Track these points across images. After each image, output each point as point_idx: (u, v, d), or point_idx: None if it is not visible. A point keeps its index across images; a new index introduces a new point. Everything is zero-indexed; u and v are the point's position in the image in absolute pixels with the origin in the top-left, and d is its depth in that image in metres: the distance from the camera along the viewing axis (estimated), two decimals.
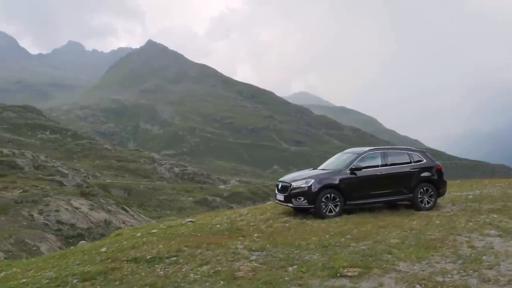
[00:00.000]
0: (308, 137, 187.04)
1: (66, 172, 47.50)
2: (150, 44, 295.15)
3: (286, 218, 11.49)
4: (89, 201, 35.34)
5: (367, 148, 12.56)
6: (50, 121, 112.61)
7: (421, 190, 12.05)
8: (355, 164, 11.73)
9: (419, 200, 12.04)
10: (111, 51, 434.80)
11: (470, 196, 13.79)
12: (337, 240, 8.56)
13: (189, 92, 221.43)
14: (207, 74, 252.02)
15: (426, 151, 12.96)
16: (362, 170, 11.67)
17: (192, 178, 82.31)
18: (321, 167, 12.80)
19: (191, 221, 12.58)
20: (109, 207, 36.23)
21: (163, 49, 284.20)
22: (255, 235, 9.58)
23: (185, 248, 8.56)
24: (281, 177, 13.04)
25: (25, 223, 28.63)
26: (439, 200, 12.91)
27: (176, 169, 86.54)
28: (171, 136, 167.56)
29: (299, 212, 11.92)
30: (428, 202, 12.10)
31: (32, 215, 30.39)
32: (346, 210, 11.56)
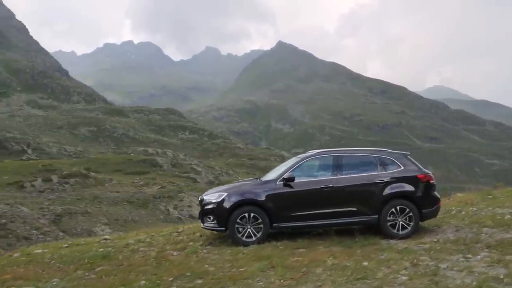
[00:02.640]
0: (444, 133, 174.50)
1: (200, 170, 50.63)
2: (281, 45, 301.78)
3: (192, 243, 8.98)
4: None
5: (315, 151, 9.32)
6: (190, 122, 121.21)
7: (393, 209, 8.48)
8: (290, 173, 8.65)
9: (389, 223, 8.48)
10: (244, 54, 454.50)
11: (508, 217, 9.72)
12: None
13: (319, 90, 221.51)
14: (337, 72, 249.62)
15: (408, 154, 9.25)
16: (301, 181, 8.61)
17: None
18: (266, 175, 9.61)
19: (105, 239, 10.42)
20: None
21: (293, 49, 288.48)
22: (78, 272, 7.37)
23: None
24: None
25: (161, 216, 31.11)
26: (446, 221, 9.70)
27: None
28: (301, 135, 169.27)
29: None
30: (404, 227, 8.49)
31: (168, 210, 32.93)
32: (279, 234, 8.76)
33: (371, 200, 8.52)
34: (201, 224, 9.10)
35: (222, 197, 8.62)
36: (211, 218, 8.69)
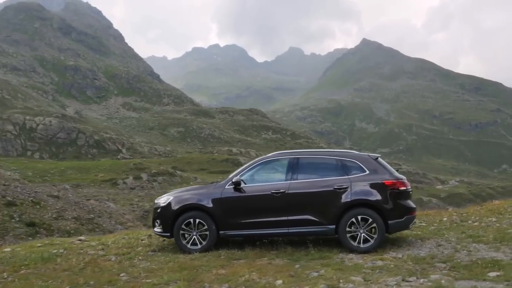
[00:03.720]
0: None
1: None
2: (365, 43, 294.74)
3: (141, 248, 8.51)
4: None
5: (272, 153, 8.53)
6: (273, 122, 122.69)
7: (353, 219, 7.47)
8: (239, 176, 7.98)
9: (350, 235, 7.48)
10: (327, 53, 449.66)
11: None
12: None
13: (405, 88, 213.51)
14: (424, 68, 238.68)
15: (377, 157, 8.15)
16: (252, 185, 7.92)
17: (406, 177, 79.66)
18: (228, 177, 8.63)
19: (79, 240, 10.04)
20: None
21: (378, 47, 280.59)
22: None
23: None
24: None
25: None
26: (442, 233, 8.86)
27: None
28: (386, 134, 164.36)
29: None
30: (366, 240, 7.43)
31: None
32: (233, 242, 8.27)
33: (327, 208, 7.55)
34: (152, 228, 8.62)
35: (169, 200, 8.15)
36: (158, 222, 8.21)
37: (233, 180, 7.88)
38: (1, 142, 60.54)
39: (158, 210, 8.27)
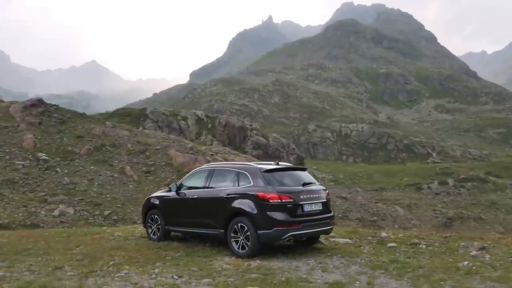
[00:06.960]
0: None
1: None
2: None
3: (139, 235, 10.68)
4: None
5: (207, 164, 10.73)
6: None
7: (236, 226, 8.16)
8: (178, 183, 9.78)
9: (234, 240, 8.19)
10: None
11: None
12: None
13: None
14: None
15: (267, 170, 8.39)
16: (185, 190, 9.47)
17: None
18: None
19: (127, 230, 12.32)
20: None
21: None
22: None
23: None
24: None
25: None
26: (390, 258, 7.47)
27: None
28: None
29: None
30: (243, 247, 8.06)
31: None
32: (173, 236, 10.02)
33: (218, 214, 8.57)
34: None
35: (146, 199, 10.44)
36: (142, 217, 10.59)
37: (170, 185, 9.99)
38: (322, 148, 68.28)
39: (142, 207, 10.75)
